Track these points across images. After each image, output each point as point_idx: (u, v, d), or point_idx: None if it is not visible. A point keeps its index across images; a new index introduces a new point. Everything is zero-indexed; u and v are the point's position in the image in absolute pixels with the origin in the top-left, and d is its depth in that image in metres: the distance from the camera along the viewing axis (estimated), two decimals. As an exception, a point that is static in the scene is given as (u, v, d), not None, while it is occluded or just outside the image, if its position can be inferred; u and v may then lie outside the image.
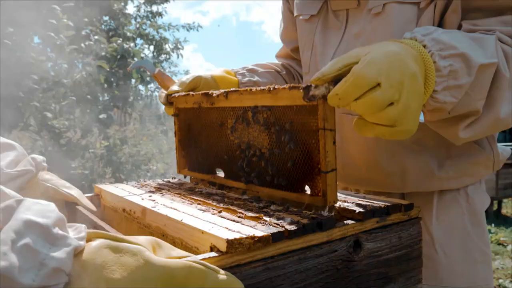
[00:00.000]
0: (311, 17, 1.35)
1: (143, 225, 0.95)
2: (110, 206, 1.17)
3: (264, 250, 0.72)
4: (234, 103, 1.05)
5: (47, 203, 0.58)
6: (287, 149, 0.94)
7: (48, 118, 4.52)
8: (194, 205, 0.95)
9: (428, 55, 0.89)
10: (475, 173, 1.23)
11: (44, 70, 4.50)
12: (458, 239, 1.22)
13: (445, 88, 0.90)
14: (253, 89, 0.98)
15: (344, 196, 1.03)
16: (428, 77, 0.89)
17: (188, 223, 0.78)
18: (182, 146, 1.31)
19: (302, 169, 0.92)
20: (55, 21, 4.55)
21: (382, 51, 0.81)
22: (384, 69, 0.77)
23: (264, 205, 0.93)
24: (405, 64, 0.80)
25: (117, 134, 6.33)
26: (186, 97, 1.21)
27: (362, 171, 1.29)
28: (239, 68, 1.51)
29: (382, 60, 0.78)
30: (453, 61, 0.90)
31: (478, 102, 0.96)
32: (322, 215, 0.83)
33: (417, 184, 1.23)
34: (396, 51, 0.82)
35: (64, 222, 0.57)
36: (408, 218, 0.96)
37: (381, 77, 0.77)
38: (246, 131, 1.04)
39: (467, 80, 0.92)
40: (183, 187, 1.19)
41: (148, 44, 7.95)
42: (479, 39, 0.98)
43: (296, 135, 0.92)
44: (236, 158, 1.09)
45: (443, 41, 0.91)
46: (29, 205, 0.56)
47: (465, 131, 1.01)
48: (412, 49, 0.87)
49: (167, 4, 8.23)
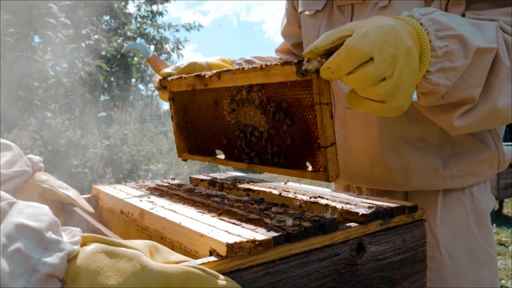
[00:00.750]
0: (316, 12, 1.34)
1: (141, 228, 0.93)
2: (108, 208, 1.15)
3: (265, 254, 0.70)
4: (227, 83, 1.03)
5: (41, 205, 0.56)
6: (285, 127, 0.93)
7: (48, 117, 4.50)
8: (193, 207, 0.93)
9: (424, 33, 0.86)
10: (479, 173, 1.21)
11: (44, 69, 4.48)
12: (463, 240, 1.20)
13: (440, 69, 0.88)
14: (245, 68, 0.96)
15: (346, 198, 1.01)
16: (423, 56, 0.86)
17: (187, 226, 0.76)
18: (180, 130, 1.30)
19: (302, 145, 0.92)
20: (53, 20, 4.53)
21: (377, 24, 0.78)
22: (378, 42, 0.75)
23: (265, 207, 0.91)
24: (400, 38, 0.78)
25: (117, 133, 6.32)
26: (179, 80, 1.19)
27: (365, 168, 1.27)
28: (237, 58, 1.49)
29: (377, 33, 0.76)
30: (449, 42, 0.87)
31: (474, 89, 0.93)
32: (324, 218, 0.81)
33: (420, 182, 1.21)
34: (392, 25, 0.79)
35: (58, 225, 0.55)
36: (412, 220, 0.94)
37: (374, 51, 0.75)
38: (242, 111, 1.03)
39: (463, 62, 0.89)
40: (182, 188, 1.17)
41: (149, 44, 7.93)
42: (479, 25, 0.95)
43: (292, 112, 0.91)
44: (235, 139, 1.08)
45: (440, 22, 0.88)
46: (21, 208, 0.54)
47: (460, 119, 0.98)
48: (408, 25, 0.85)
49: (168, 3, 8.21)
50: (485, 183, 1.26)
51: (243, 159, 1.08)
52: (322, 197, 1.01)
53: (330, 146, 0.86)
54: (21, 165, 1.07)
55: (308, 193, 1.07)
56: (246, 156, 1.07)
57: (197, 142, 1.25)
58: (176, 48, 8.43)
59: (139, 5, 7.97)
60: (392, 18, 0.84)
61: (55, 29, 4.60)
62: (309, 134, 0.89)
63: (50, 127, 4.56)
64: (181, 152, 1.33)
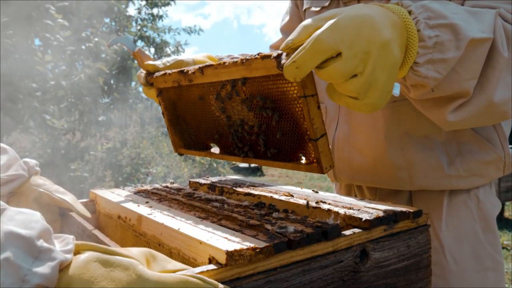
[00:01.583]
0: (322, 8, 1.32)
1: (139, 233, 0.90)
2: (105, 213, 1.12)
3: (266, 261, 0.67)
4: (211, 78, 1.01)
5: (32, 212, 0.53)
6: (273, 122, 0.92)
7: (47, 120, 4.49)
8: (192, 212, 0.91)
9: (411, 22, 0.81)
10: (485, 174, 1.18)
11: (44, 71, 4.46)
12: (469, 245, 1.18)
13: (429, 61, 0.82)
14: (226, 63, 0.94)
15: (349, 203, 0.98)
16: (410, 47, 0.81)
17: (186, 232, 0.74)
18: (173, 125, 1.29)
19: (292, 138, 0.90)
20: (51, 21, 4.52)
21: (353, 14, 0.73)
22: (349, 36, 0.70)
23: (266, 213, 0.88)
24: (376, 30, 0.72)
25: (117, 136, 6.30)
26: (164, 77, 1.17)
27: (368, 164, 1.25)
28: (225, 55, 1.47)
29: (348, 25, 0.71)
30: (440, 31, 0.82)
31: (468, 81, 0.88)
32: (327, 224, 0.78)
33: (425, 181, 1.18)
34: (369, 14, 0.74)
35: (50, 233, 0.53)
36: (417, 226, 0.92)
37: (342, 45, 0.70)
38: (230, 106, 1.02)
39: (454, 54, 0.84)
40: (181, 193, 1.15)
41: (149, 47, 7.93)
42: (476, 12, 0.90)
43: (279, 105, 0.89)
44: (227, 134, 1.07)
45: (432, 9, 0.83)
46: (12, 215, 0.52)
47: (453, 114, 0.93)
48: (393, 14, 0.79)
49: (168, 7, 8.21)
50: (490, 187, 1.24)
51: (237, 153, 1.06)
52: (324, 201, 0.99)
53: (321, 137, 0.84)
54: (16, 169, 1.05)
55: (309, 197, 1.05)
56: (239, 150, 1.06)
57: (191, 137, 1.24)
58: (177, 51, 8.43)
59: (139, 8, 7.97)
60: (376, 7, 0.79)
61: (53, 30, 4.59)
62: (298, 127, 0.87)
63: (50, 129, 4.54)
64: (177, 147, 1.32)
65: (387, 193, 1.27)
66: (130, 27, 7.29)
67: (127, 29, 7.09)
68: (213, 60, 1.39)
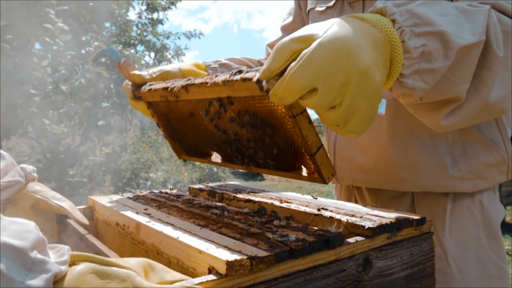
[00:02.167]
0: (327, 8, 1.31)
1: (137, 241, 0.89)
2: (103, 220, 1.11)
3: (267, 271, 0.66)
4: (196, 95, 0.99)
5: (26, 222, 0.52)
6: (267, 138, 0.90)
7: (46, 124, 4.48)
8: (192, 219, 0.89)
9: (394, 34, 0.76)
10: (489, 177, 1.16)
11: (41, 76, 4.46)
12: (473, 252, 1.16)
13: (416, 71, 0.78)
14: (208, 83, 0.90)
15: (351, 210, 0.97)
16: (395, 60, 0.77)
17: (185, 241, 0.72)
18: (170, 135, 1.28)
19: (289, 152, 0.88)
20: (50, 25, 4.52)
21: (327, 43, 0.68)
22: (323, 71, 0.67)
23: (267, 220, 0.87)
24: (353, 59, 0.68)
25: (117, 141, 6.28)
26: (150, 92, 1.15)
27: (371, 164, 1.23)
28: (212, 61, 1.43)
29: (323, 58, 0.67)
30: (427, 40, 0.78)
31: (460, 86, 0.84)
32: (329, 232, 0.77)
33: (428, 181, 1.16)
34: (345, 40, 0.69)
35: (45, 243, 0.51)
36: (420, 233, 0.90)
37: (317, 82, 0.67)
38: (222, 121, 0.99)
39: (443, 63, 0.79)
40: (181, 199, 1.13)
41: (149, 51, 7.94)
42: (468, 11, 0.85)
43: (269, 123, 0.87)
44: (225, 145, 1.05)
45: (419, 15, 0.78)
46: (5, 225, 0.50)
47: (447, 118, 0.90)
48: (374, 28, 0.74)
49: (169, 11, 8.22)
50: (494, 192, 1.22)
51: (238, 163, 1.05)
52: (326, 208, 0.97)
53: (317, 151, 0.82)
54: (13, 175, 1.04)
55: (311, 204, 1.03)
56: (240, 160, 1.04)
57: (190, 146, 1.22)
58: (177, 55, 8.43)
59: (140, 12, 7.98)
60: (356, 24, 0.74)
61: (53, 35, 4.59)
62: (294, 143, 0.85)
63: (49, 134, 4.53)
64: (180, 154, 1.30)
65: (388, 198, 1.25)
66: (131, 31, 7.29)
67: (127, 33, 7.09)
68: (201, 68, 1.37)
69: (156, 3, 7.88)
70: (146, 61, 7.76)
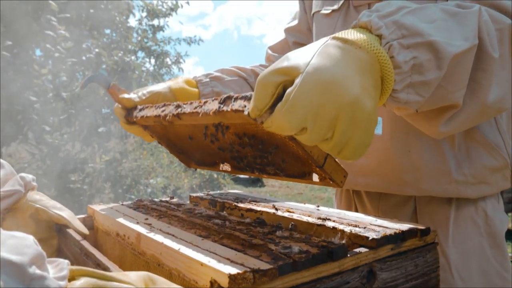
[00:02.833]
0: (332, 12, 1.30)
1: (138, 252, 0.87)
2: (103, 229, 1.09)
3: (270, 284, 0.64)
4: (190, 122, 0.97)
5: (24, 236, 0.51)
6: (270, 156, 0.88)
7: (46, 131, 4.47)
8: (193, 230, 0.88)
9: (382, 51, 0.73)
10: (492, 182, 1.15)
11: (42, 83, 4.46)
12: (476, 262, 1.14)
13: (408, 85, 0.76)
14: (199, 112, 0.88)
15: (354, 220, 0.96)
16: (386, 77, 0.74)
17: (186, 253, 0.71)
18: (174, 151, 1.27)
19: (297, 164, 0.87)
20: (52, 32, 4.52)
21: (312, 80, 0.64)
22: (311, 112, 0.64)
23: (269, 231, 0.85)
24: (340, 92, 0.65)
25: (117, 147, 6.27)
26: (143, 119, 1.13)
27: (372, 166, 1.21)
28: (203, 75, 1.41)
29: (309, 97, 0.64)
30: (418, 52, 0.75)
31: (456, 93, 0.82)
32: (332, 243, 0.76)
33: (431, 185, 1.14)
34: (330, 74, 0.65)
35: (43, 258, 0.50)
36: (424, 244, 0.89)
37: (305, 123, 0.65)
38: (223, 142, 0.98)
39: (436, 75, 0.77)
40: (181, 208, 1.12)
41: (149, 57, 7.94)
42: (457, 14, 0.83)
43: (270, 142, 0.86)
44: (232, 160, 1.03)
45: (406, 25, 0.75)
46: (3, 239, 0.49)
47: (446, 125, 0.89)
48: (359, 50, 0.71)
49: (169, 17, 8.23)
50: (498, 201, 1.20)
51: (248, 170, 1.03)
52: (329, 218, 0.96)
53: (325, 162, 0.81)
54: (13, 184, 1.03)
55: (313, 214, 1.02)
56: (250, 169, 1.02)
57: (196, 157, 1.21)
58: (177, 61, 8.43)
59: (140, 19, 7.99)
60: (339, 50, 0.69)
61: (55, 42, 4.59)
62: (299, 157, 0.83)
63: (49, 141, 4.52)
64: (189, 164, 1.28)
65: (390, 206, 1.24)
66: (131, 38, 7.30)
67: (127, 40, 7.09)
68: (191, 84, 1.35)
69: (156, 9, 7.89)
70: (146, 68, 7.76)
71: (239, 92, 1.40)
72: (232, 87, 1.43)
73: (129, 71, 6.13)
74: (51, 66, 4.62)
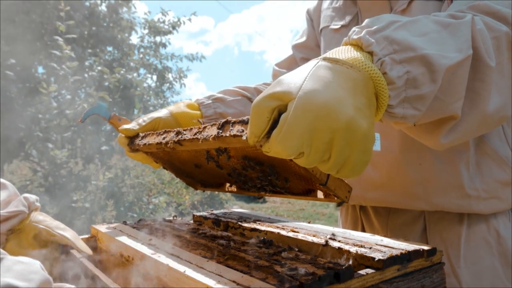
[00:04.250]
0: (341, 27, 1.31)
1: (142, 273, 0.87)
2: (107, 250, 1.09)
3: (277, 308, 0.64)
4: (192, 147, 0.97)
5: (31, 262, 0.51)
6: (273, 176, 0.89)
7: (49, 148, 4.48)
8: (198, 251, 0.88)
9: (374, 69, 0.72)
10: (504, 197, 1.13)
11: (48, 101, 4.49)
12: (488, 282, 1.12)
13: (404, 100, 0.75)
14: (200, 140, 0.89)
15: (360, 240, 0.95)
16: (380, 92, 0.73)
17: (192, 275, 0.70)
18: (180, 175, 1.27)
19: (301, 182, 0.87)
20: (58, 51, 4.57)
21: (304, 106, 0.64)
22: (305, 137, 0.64)
23: (275, 252, 0.85)
24: (334, 116, 0.64)
25: (119, 163, 6.27)
26: (146, 146, 1.14)
27: (382, 179, 1.20)
28: (205, 97, 1.41)
29: (303, 123, 0.64)
30: (410, 66, 0.74)
31: (453, 104, 0.81)
32: (339, 264, 0.75)
33: (442, 199, 1.13)
34: (322, 98, 0.65)
35: (50, 283, 0.50)
36: (431, 264, 0.88)
37: (301, 148, 0.65)
38: (226, 164, 0.98)
39: (431, 88, 0.76)
40: (185, 228, 1.11)
41: (151, 74, 7.99)
42: (450, 25, 0.82)
43: (272, 163, 0.86)
44: (237, 181, 1.04)
45: (397, 41, 0.75)
46: (9, 265, 0.49)
47: (446, 136, 0.88)
48: (351, 69, 0.70)
49: (171, 35, 8.30)
50: (509, 219, 1.18)
51: (253, 190, 1.03)
52: (334, 238, 0.96)
53: (327, 180, 0.80)
54: (16, 205, 1.03)
55: (318, 234, 1.01)
56: (255, 189, 1.02)
57: (202, 180, 1.21)
58: (179, 78, 8.48)
59: (142, 36, 8.06)
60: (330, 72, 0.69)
61: (60, 61, 4.64)
62: (302, 176, 0.83)
63: (51, 158, 4.53)
64: (195, 186, 1.28)
65: (399, 224, 1.22)
66: (133, 55, 7.36)
67: (129, 57, 7.15)
68: (194, 107, 1.36)
69: (158, 27, 7.96)
70: (148, 84, 7.81)
71: (243, 111, 1.40)
72: (235, 107, 1.43)
73: (131, 88, 6.17)
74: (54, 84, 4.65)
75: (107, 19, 6.97)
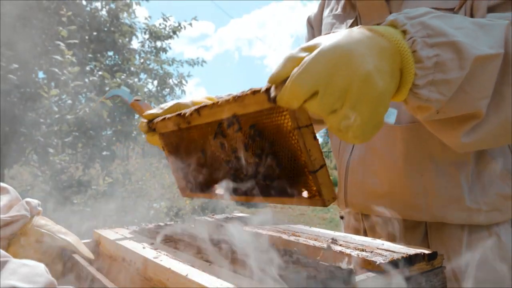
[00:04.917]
0: None
1: (144, 278, 0.87)
2: (109, 254, 1.09)
3: (279, 311, 0.64)
4: (208, 118, 1.01)
5: (36, 264, 0.51)
6: (270, 158, 0.90)
7: (50, 153, 4.48)
8: (200, 254, 0.88)
9: (404, 44, 0.75)
10: (505, 209, 1.13)
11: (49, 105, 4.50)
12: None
13: (430, 82, 0.77)
14: (219, 102, 0.94)
15: (361, 244, 0.95)
16: (406, 70, 0.75)
17: (194, 279, 0.71)
18: (177, 170, 1.28)
19: (292, 172, 0.87)
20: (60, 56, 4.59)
21: (330, 50, 0.69)
22: (322, 76, 0.68)
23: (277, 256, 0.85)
24: (354, 65, 0.68)
25: (119, 168, 6.27)
26: (164, 122, 1.18)
27: (383, 188, 1.20)
28: (225, 95, 1.44)
29: (324, 63, 0.68)
30: (441, 50, 0.76)
31: (479, 101, 0.82)
32: (340, 268, 0.75)
33: (443, 211, 1.13)
34: (348, 48, 0.69)
35: (55, 286, 0.50)
36: (432, 268, 0.88)
37: (318, 86, 0.68)
38: (228, 144, 1.01)
39: (458, 74, 0.77)
40: (187, 232, 1.12)
41: (152, 79, 8.00)
42: (485, 25, 0.84)
43: (275, 139, 0.87)
44: (229, 174, 1.05)
45: (431, 26, 0.77)
46: (14, 268, 0.49)
47: (468, 136, 0.87)
48: (382, 38, 0.74)
49: (171, 40, 8.33)
50: (511, 225, 1.18)
51: (241, 193, 1.04)
52: (336, 242, 0.96)
53: (320, 169, 0.81)
54: (18, 210, 1.03)
55: (319, 238, 1.02)
56: (242, 192, 1.03)
57: (196, 179, 1.22)
58: (180, 83, 8.49)
59: (143, 41, 8.08)
60: (362, 33, 0.73)
61: (61, 66, 4.65)
62: (297, 161, 0.84)
63: (52, 163, 4.53)
64: (184, 192, 1.30)
65: (400, 230, 1.22)
66: (133, 60, 7.38)
67: (130, 62, 7.17)
68: (212, 100, 1.38)
69: (158, 32, 7.99)
70: (149, 88, 7.82)
71: None
72: None
73: (132, 93, 6.18)
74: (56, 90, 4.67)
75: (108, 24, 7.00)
